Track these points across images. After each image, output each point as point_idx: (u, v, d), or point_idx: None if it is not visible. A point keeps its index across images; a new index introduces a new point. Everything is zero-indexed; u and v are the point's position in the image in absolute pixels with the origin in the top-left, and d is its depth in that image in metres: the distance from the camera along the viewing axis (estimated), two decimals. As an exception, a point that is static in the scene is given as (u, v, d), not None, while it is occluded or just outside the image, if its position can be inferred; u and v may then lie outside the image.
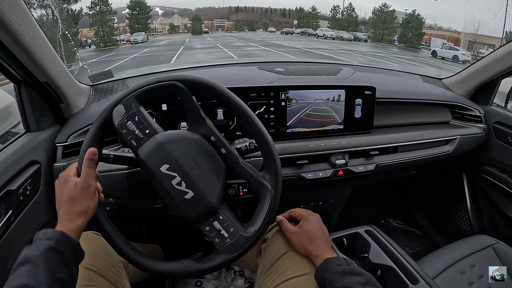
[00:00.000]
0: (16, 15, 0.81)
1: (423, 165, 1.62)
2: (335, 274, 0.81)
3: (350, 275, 0.80)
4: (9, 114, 1.18)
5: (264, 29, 50.79)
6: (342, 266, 0.83)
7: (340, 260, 0.86)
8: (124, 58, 16.14)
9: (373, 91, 1.41)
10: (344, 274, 0.80)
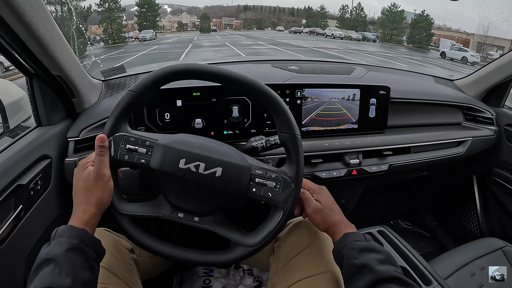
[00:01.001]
0: (31, 6, 0.81)
1: (434, 166, 1.61)
2: (354, 250, 0.79)
3: (368, 252, 0.78)
4: (20, 108, 1.18)
5: (273, 28, 50.84)
6: (361, 242, 0.81)
7: (359, 235, 0.84)
8: (133, 55, 16.23)
9: (388, 91, 1.40)
10: (362, 250, 0.78)
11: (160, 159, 0.81)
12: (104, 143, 0.78)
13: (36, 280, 0.62)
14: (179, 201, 0.84)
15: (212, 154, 0.81)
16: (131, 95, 0.81)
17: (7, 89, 1.16)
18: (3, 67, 11.84)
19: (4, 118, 1.10)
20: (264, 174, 0.84)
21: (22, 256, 0.97)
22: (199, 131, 1.25)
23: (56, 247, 0.67)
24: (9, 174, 0.92)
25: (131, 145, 0.81)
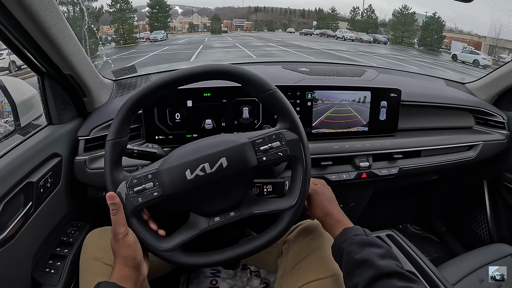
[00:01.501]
0: (44, 6, 0.81)
1: (445, 170, 1.59)
2: (354, 245, 0.78)
3: (369, 247, 0.76)
4: (32, 106, 1.19)
5: (283, 29, 50.85)
6: (361, 237, 0.80)
7: (359, 229, 0.83)
8: (144, 55, 16.33)
9: (399, 93, 1.39)
10: (363, 245, 0.77)
11: (169, 182, 0.80)
12: (114, 200, 0.78)
13: None
14: (209, 207, 0.84)
15: (209, 150, 0.81)
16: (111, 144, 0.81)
17: (18, 87, 1.17)
18: (15, 66, 12.00)
19: (15, 116, 1.11)
20: (264, 140, 0.83)
21: (30, 252, 0.98)
22: (209, 131, 1.26)
23: None
24: (19, 172, 0.93)
25: (137, 186, 0.80)
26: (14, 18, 0.79)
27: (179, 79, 0.82)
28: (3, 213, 0.85)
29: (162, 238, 0.83)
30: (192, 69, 0.82)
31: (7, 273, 0.88)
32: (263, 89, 0.83)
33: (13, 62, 12.02)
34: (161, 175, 0.80)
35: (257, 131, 0.87)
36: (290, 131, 0.85)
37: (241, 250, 0.86)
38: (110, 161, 0.80)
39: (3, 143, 1.08)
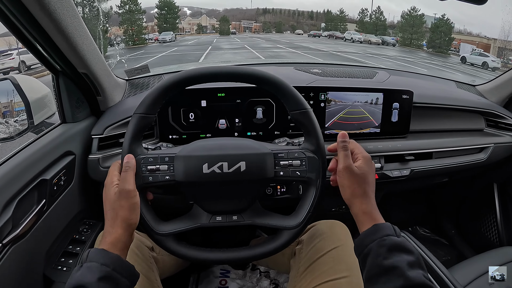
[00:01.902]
0: (61, 4, 0.82)
1: (456, 172, 1.58)
2: (383, 248, 0.70)
3: (399, 252, 0.69)
4: (45, 105, 1.20)
5: (292, 31, 50.93)
6: (391, 238, 0.72)
7: (390, 228, 0.74)
8: (153, 56, 16.44)
9: (411, 95, 1.38)
10: (393, 249, 0.70)
11: (183, 170, 0.81)
12: (130, 160, 0.79)
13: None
14: (214, 205, 0.85)
15: (232, 151, 0.82)
16: (138, 117, 0.82)
17: (32, 86, 1.17)
18: (25, 66, 12.11)
19: (29, 114, 1.12)
20: (286, 155, 0.84)
21: (42, 249, 0.99)
22: (223, 131, 1.27)
23: (88, 274, 0.64)
24: (33, 169, 0.94)
25: (152, 165, 0.81)
26: (32, 16, 0.81)
27: (220, 74, 0.84)
28: (17, 210, 0.86)
29: (159, 222, 0.83)
30: (235, 69, 0.84)
31: (20, 270, 0.89)
32: (299, 106, 0.84)
33: (23, 62, 12.15)
34: (178, 161, 0.82)
35: (281, 145, 0.89)
36: (312, 153, 0.85)
37: (232, 255, 0.87)
38: (132, 133, 0.81)
39: (16, 141, 1.09)
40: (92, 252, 0.69)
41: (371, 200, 0.81)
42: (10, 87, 1.11)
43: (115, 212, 0.74)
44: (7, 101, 1.14)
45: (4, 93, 1.13)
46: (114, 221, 0.74)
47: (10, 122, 1.15)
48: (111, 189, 0.77)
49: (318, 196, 0.84)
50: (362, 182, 0.81)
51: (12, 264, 0.85)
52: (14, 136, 1.10)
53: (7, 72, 11.85)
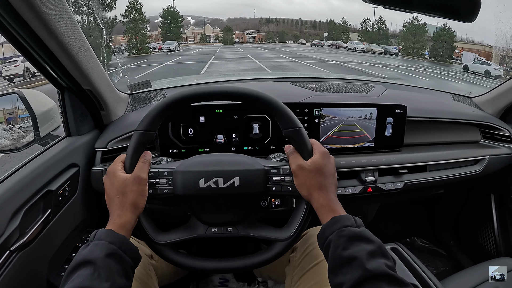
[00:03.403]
0: (66, 27, 0.86)
1: (451, 184, 1.59)
2: (342, 238, 0.71)
3: (359, 241, 0.70)
4: (50, 118, 1.24)
5: (295, 40, 51.05)
6: (350, 229, 0.73)
7: (349, 219, 0.76)
8: (156, 65, 16.49)
9: (404, 110, 1.41)
10: (352, 239, 0.71)
11: (181, 184, 0.86)
12: (148, 156, 0.86)
13: (74, 279, 0.64)
14: (210, 217, 0.89)
15: (227, 167, 0.87)
16: (139, 134, 0.86)
17: (38, 99, 1.21)
18: (29, 73, 12.14)
19: (35, 127, 1.15)
20: (279, 171, 0.88)
21: (47, 257, 1.02)
22: (221, 146, 1.31)
23: (96, 250, 0.69)
24: (40, 180, 0.97)
25: (152, 179, 0.86)
26: (39, 38, 0.84)
27: (216, 93, 0.88)
28: (24, 219, 0.89)
29: (158, 232, 0.88)
30: (231, 89, 0.88)
31: (25, 275, 0.92)
32: (291, 124, 0.87)
33: (27, 69, 12.20)
34: (177, 176, 0.86)
35: (274, 161, 0.92)
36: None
37: (226, 264, 0.91)
38: (133, 148, 0.85)
39: (23, 152, 1.13)
40: (100, 231, 0.74)
41: (329, 193, 0.82)
42: (17, 100, 1.15)
43: (125, 196, 0.79)
44: (14, 109, 1.18)
45: (13, 105, 1.17)
46: (123, 205, 0.79)
47: (14, 129, 1.19)
48: (118, 175, 0.81)
49: (309, 210, 0.87)
50: (316, 175, 0.82)
51: (18, 270, 0.87)
52: (21, 147, 1.14)
53: (11, 79, 11.93)
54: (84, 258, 0.67)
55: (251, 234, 0.90)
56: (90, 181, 1.20)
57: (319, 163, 0.83)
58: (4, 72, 12.62)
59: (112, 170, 0.83)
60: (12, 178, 0.92)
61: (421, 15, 1.18)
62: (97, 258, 0.67)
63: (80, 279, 0.64)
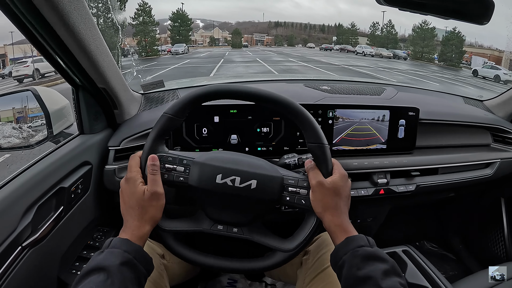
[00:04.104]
0: (84, 24, 0.87)
1: (462, 187, 1.59)
2: (357, 258, 0.73)
3: (373, 261, 0.72)
4: (63, 116, 1.24)
5: (303, 44, 51.04)
6: (365, 248, 0.74)
7: (363, 239, 0.77)
8: (165, 68, 16.56)
9: (417, 112, 1.40)
10: (366, 258, 0.72)
11: (198, 176, 0.85)
12: (156, 162, 0.83)
13: (86, 284, 0.64)
14: (218, 214, 0.89)
15: (246, 168, 0.86)
16: (166, 117, 0.86)
17: (52, 97, 1.22)
18: (39, 74, 12.25)
19: (48, 124, 1.16)
20: (296, 183, 0.87)
21: (58, 254, 1.03)
22: (235, 146, 1.30)
23: (110, 258, 0.69)
24: (53, 177, 0.98)
25: (170, 164, 0.86)
26: (57, 34, 0.85)
27: (247, 94, 0.88)
28: (36, 216, 0.90)
29: (164, 218, 0.87)
30: (263, 93, 0.88)
31: (36, 272, 0.92)
32: (317, 140, 0.87)
33: (37, 70, 12.33)
34: (195, 166, 0.86)
35: (292, 173, 0.91)
36: None
37: (223, 263, 0.91)
38: (157, 131, 0.86)
39: (36, 149, 1.14)
40: (115, 240, 0.74)
41: (342, 214, 0.83)
42: (31, 98, 1.16)
43: (144, 210, 0.79)
44: (24, 109, 1.19)
45: (24, 102, 1.18)
46: (143, 217, 0.79)
47: (24, 128, 1.20)
48: (138, 186, 0.81)
49: (317, 226, 0.87)
50: (333, 195, 0.82)
51: (29, 266, 0.88)
52: (34, 145, 1.15)
53: (21, 79, 12.08)
54: (98, 265, 0.67)
55: (255, 238, 0.89)
56: (103, 179, 1.20)
57: (338, 184, 0.84)
58: (14, 73, 12.79)
59: (133, 179, 0.82)
60: (25, 174, 0.93)
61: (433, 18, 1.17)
62: (111, 265, 0.67)
63: (92, 285, 0.64)
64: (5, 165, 2.57)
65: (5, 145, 1.13)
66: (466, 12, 0.90)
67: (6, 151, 1.15)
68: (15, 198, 0.86)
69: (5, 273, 0.80)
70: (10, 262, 0.81)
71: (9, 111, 1.19)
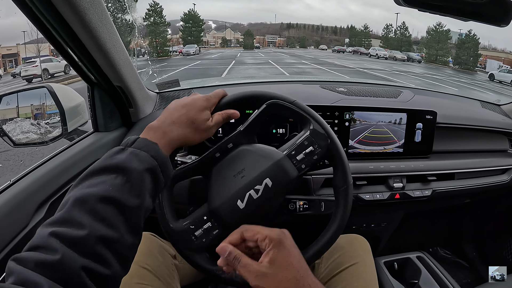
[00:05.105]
0: (101, 22, 0.87)
1: (478, 193, 1.56)
2: None
3: None
4: (78, 113, 1.25)
5: (315, 46, 50.93)
6: None
7: None
8: (175, 69, 16.60)
9: (434, 116, 1.38)
10: None
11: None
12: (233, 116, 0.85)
13: (99, 184, 0.56)
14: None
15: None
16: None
17: (67, 94, 1.22)
18: (48, 74, 12.37)
19: (63, 121, 1.17)
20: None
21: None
22: None
23: (135, 161, 0.59)
24: (67, 174, 0.98)
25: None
26: (74, 32, 0.85)
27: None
28: (49, 212, 0.90)
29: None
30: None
31: None
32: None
33: (46, 70, 12.46)
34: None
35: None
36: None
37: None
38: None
39: (51, 146, 1.15)
40: (141, 140, 0.64)
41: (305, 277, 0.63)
42: (46, 94, 1.17)
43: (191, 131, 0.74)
44: (42, 105, 1.20)
45: (43, 99, 1.19)
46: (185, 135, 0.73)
47: (41, 124, 1.21)
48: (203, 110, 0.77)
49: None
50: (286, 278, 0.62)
51: None
52: (48, 141, 1.15)
53: (30, 79, 12.22)
54: (119, 164, 0.58)
55: None
56: None
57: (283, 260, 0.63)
58: (23, 73, 12.95)
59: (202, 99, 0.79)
60: (39, 170, 0.93)
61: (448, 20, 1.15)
62: (134, 169, 0.58)
63: (107, 186, 0.55)
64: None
65: (22, 140, 1.14)
66: (485, 13, 0.89)
67: (20, 147, 1.15)
68: (28, 194, 0.86)
69: None
70: None
71: (28, 107, 1.20)
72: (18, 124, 1.16)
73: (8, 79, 14.15)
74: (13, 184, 0.86)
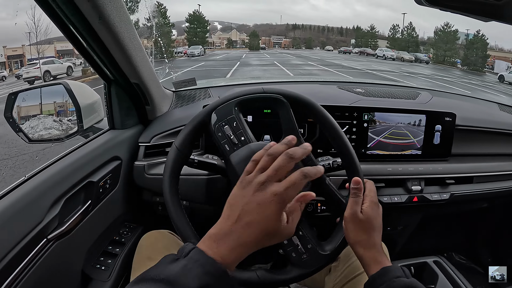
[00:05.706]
0: (120, 19, 0.87)
1: (496, 198, 1.54)
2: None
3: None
4: (94, 110, 1.25)
5: (321, 47, 50.82)
6: (402, 279, 0.71)
7: (399, 270, 0.74)
8: (178, 71, 16.44)
9: (454, 118, 1.36)
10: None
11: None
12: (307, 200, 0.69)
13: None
14: None
15: None
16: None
17: (83, 91, 1.22)
18: (50, 75, 12.40)
19: (79, 118, 1.17)
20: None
21: (83, 248, 1.03)
22: None
23: (189, 277, 0.51)
24: (82, 171, 0.98)
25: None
26: (93, 29, 0.85)
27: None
28: (64, 208, 0.90)
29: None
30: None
31: (61, 265, 0.92)
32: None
33: (47, 72, 12.47)
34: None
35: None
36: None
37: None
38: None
39: (66, 142, 1.15)
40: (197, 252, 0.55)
41: (376, 245, 0.80)
42: (63, 91, 1.16)
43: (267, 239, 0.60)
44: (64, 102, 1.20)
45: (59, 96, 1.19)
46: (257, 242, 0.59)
47: (64, 121, 1.21)
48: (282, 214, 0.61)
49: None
50: (367, 227, 0.80)
51: (54, 259, 0.88)
52: (63, 138, 1.16)
53: (31, 81, 12.24)
54: (169, 277, 0.52)
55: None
56: (132, 175, 1.20)
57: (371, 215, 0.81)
58: (24, 75, 12.99)
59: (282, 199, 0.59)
60: (54, 166, 0.93)
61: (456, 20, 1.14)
62: (184, 286, 0.51)
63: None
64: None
65: (45, 136, 1.14)
66: (508, 14, 0.87)
67: (35, 143, 1.15)
68: (43, 190, 0.86)
69: (29, 264, 0.79)
70: (34, 253, 0.81)
71: (50, 104, 1.20)
72: (41, 120, 1.16)
73: (12, 81, 14.26)
74: (28, 179, 0.86)
